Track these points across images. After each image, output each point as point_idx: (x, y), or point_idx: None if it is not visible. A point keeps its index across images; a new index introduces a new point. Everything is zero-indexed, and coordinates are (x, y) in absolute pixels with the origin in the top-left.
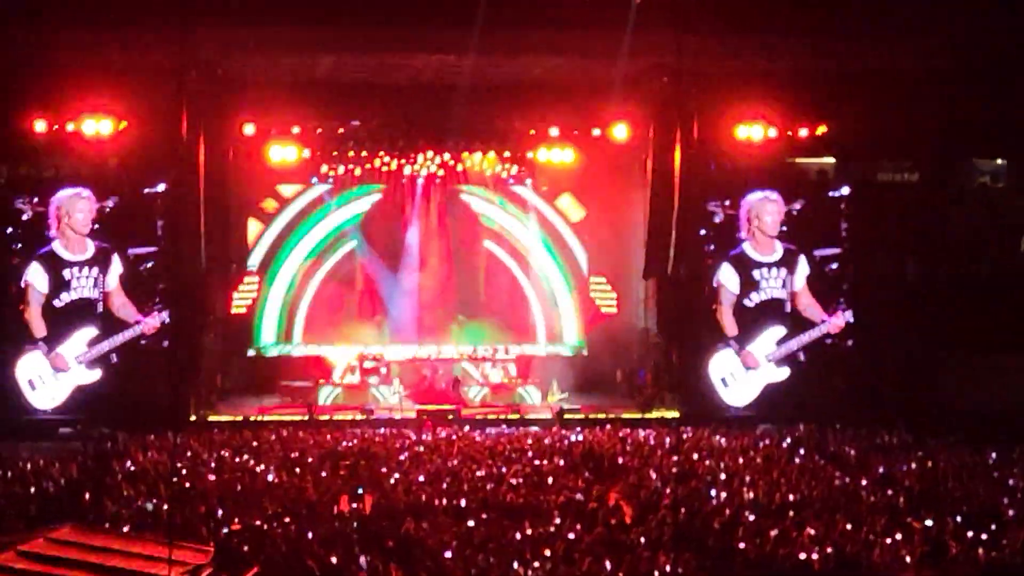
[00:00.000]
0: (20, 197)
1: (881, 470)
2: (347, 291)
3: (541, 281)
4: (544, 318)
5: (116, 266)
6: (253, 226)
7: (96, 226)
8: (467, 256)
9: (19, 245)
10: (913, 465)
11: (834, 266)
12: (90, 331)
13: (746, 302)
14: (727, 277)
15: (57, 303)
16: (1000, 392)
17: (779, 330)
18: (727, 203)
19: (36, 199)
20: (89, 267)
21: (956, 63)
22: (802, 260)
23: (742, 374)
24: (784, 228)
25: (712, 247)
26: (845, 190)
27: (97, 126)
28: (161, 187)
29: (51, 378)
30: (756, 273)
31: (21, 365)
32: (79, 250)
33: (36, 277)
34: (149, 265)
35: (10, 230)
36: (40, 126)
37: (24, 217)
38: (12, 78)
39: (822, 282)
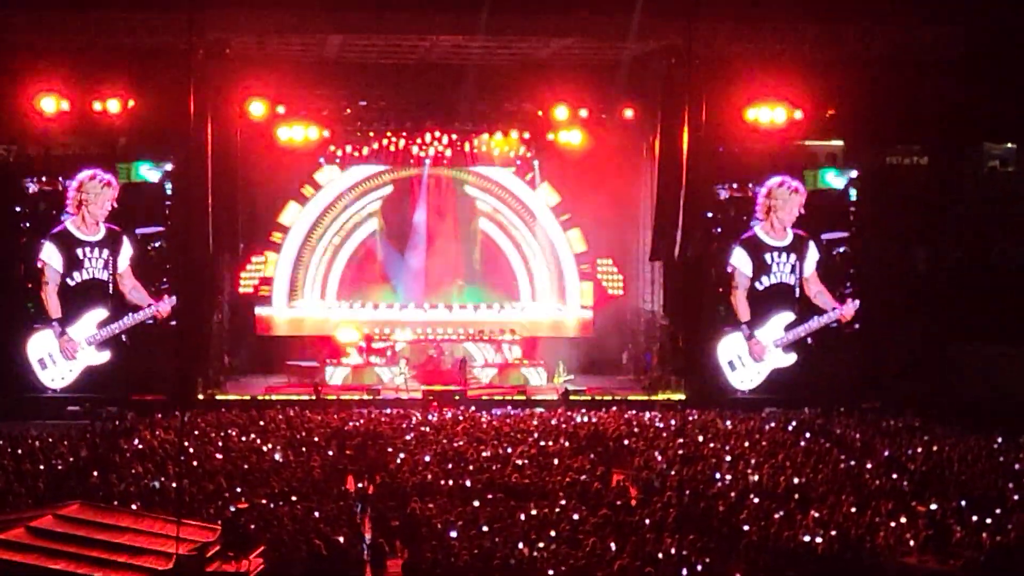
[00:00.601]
0: (30, 177)
1: (886, 454)
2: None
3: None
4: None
5: (127, 248)
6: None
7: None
8: (466, 232)
9: (27, 224)
10: (918, 450)
11: (841, 250)
12: (100, 312)
13: (756, 285)
14: (740, 260)
15: (70, 282)
16: (1006, 379)
17: (787, 316)
18: (735, 186)
19: (45, 178)
20: (100, 248)
21: (967, 47)
22: (812, 246)
23: (749, 358)
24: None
25: (719, 230)
26: (853, 172)
27: (105, 105)
28: (168, 167)
29: (61, 358)
30: (767, 257)
31: (32, 344)
32: (92, 231)
33: (51, 256)
34: (156, 245)
35: (18, 209)
36: (48, 105)
37: (31, 190)
38: (19, 58)
39: (829, 267)
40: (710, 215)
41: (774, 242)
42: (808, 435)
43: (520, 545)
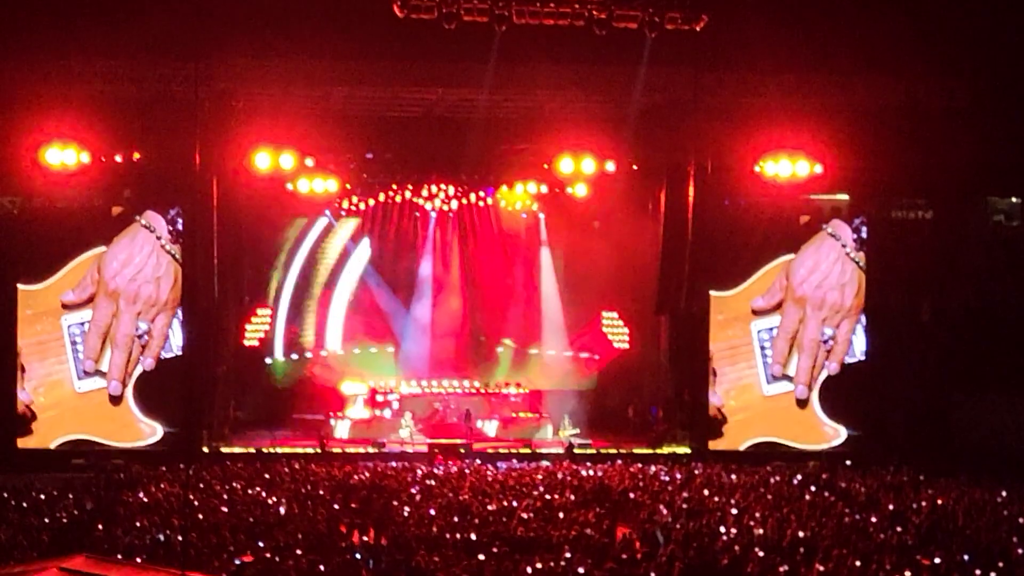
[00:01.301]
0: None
1: (891, 507)
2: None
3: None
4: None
5: None
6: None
7: None
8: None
9: None
10: (923, 503)
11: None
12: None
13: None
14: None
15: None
16: (1011, 431)
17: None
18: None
19: None
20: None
21: (972, 100)
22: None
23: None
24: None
25: None
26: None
27: (111, 156)
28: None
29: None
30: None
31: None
32: None
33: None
34: None
35: None
36: (52, 157)
37: None
38: (24, 109)
39: None
40: None
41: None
42: (813, 488)
43: None
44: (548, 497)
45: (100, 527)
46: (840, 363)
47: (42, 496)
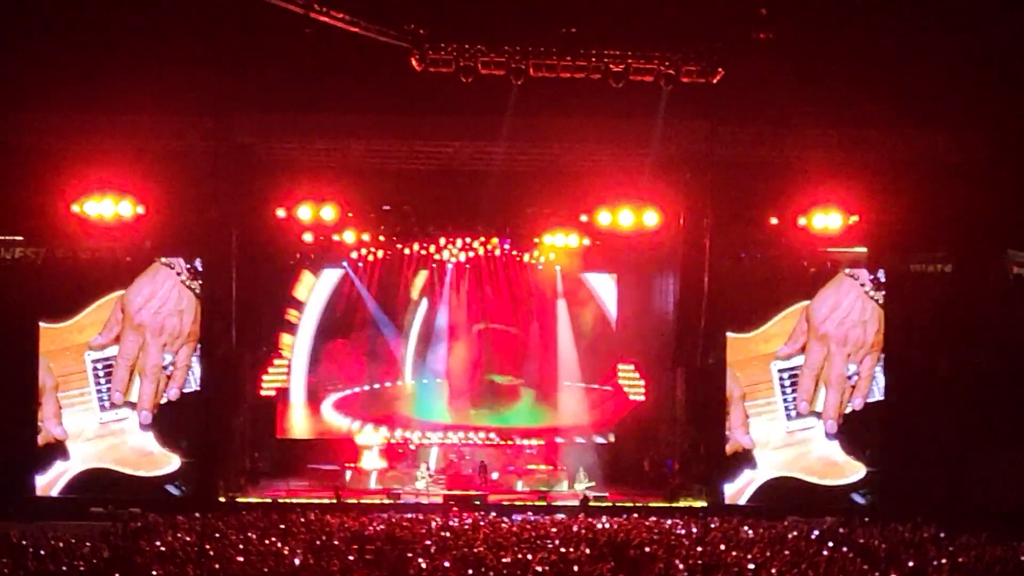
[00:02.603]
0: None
1: (911, 564)
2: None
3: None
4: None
5: None
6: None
7: None
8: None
9: None
10: (943, 560)
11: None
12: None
13: None
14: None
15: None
16: None
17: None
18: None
19: None
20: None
21: (991, 154)
22: None
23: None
24: None
25: None
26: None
27: (131, 210)
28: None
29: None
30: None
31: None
32: None
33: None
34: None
35: None
36: (75, 208)
37: None
38: (45, 162)
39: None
40: None
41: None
42: (831, 544)
43: None
44: (563, 550)
45: None
46: (864, 398)
47: (60, 544)
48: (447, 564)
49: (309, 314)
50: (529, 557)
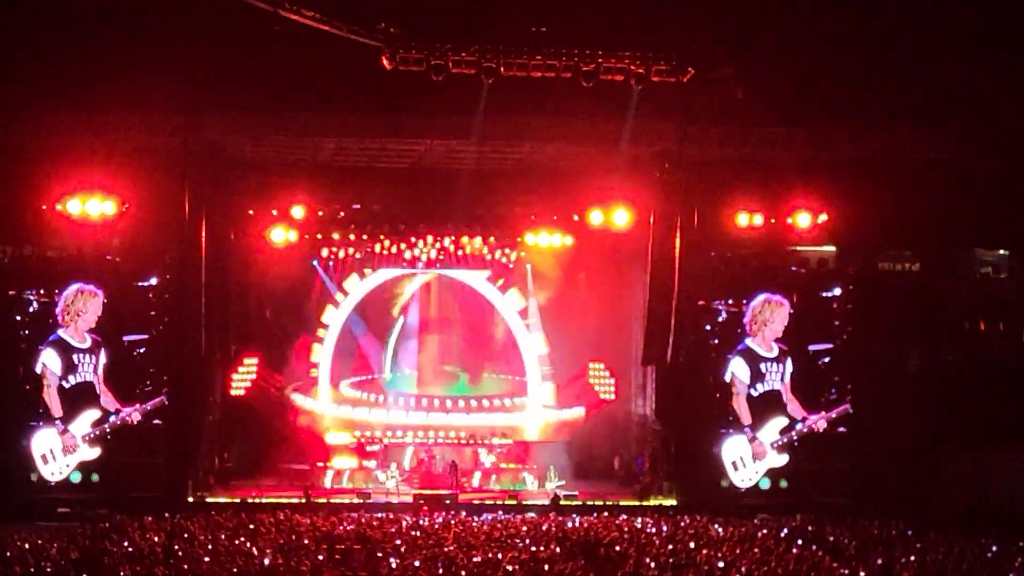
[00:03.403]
0: (30, 289)
1: (880, 562)
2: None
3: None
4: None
5: (102, 358)
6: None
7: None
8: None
9: (26, 331)
10: (912, 557)
11: (826, 360)
12: (94, 412)
13: (752, 392)
14: (740, 370)
15: (66, 384)
16: (999, 483)
17: (782, 420)
18: (730, 301)
19: (43, 291)
20: (89, 354)
21: (959, 153)
22: (788, 361)
23: (750, 459)
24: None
25: (716, 341)
26: (837, 291)
27: (100, 207)
28: (154, 280)
29: (60, 454)
30: (761, 366)
31: (36, 440)
32: (81, 339)
33: (52, 361)
34: (142, 351)
35: (18, 317)
36: (43, 207)
37: (31, 309)
38: (15, 160)
39: (813, 375)
40: (708, 328)
41: (766, 354)
42: (800, 542)
43: None
44: (534, 549)
45: None
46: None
47: (26, 546)
48: (417, 563)
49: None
50: (500, 556)
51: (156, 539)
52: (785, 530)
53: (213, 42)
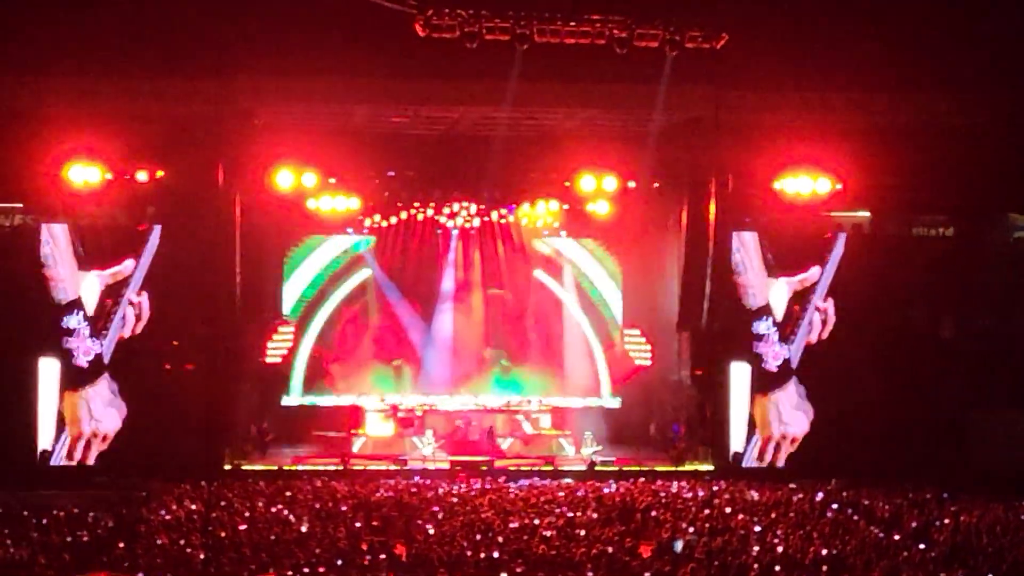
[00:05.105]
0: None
1: (914, 525)
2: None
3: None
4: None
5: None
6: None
7: None
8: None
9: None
10: (946, 520)
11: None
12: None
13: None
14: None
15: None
16: None
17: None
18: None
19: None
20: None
21: (993, 118)
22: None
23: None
24: None
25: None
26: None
27: (133, 174)
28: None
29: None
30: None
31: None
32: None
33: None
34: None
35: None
36: (75, 175)
37: None
38: (46, 127)
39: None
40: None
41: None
42: (835, 506)
43: None
44: (570, 515)
45: (121, 545)
46: None
47: (62, 514)
48: (454, 530)
49: (314, 281)
50: (537, 522)
51: (193, 507)
52: (820, 495)
53: (246, 8)
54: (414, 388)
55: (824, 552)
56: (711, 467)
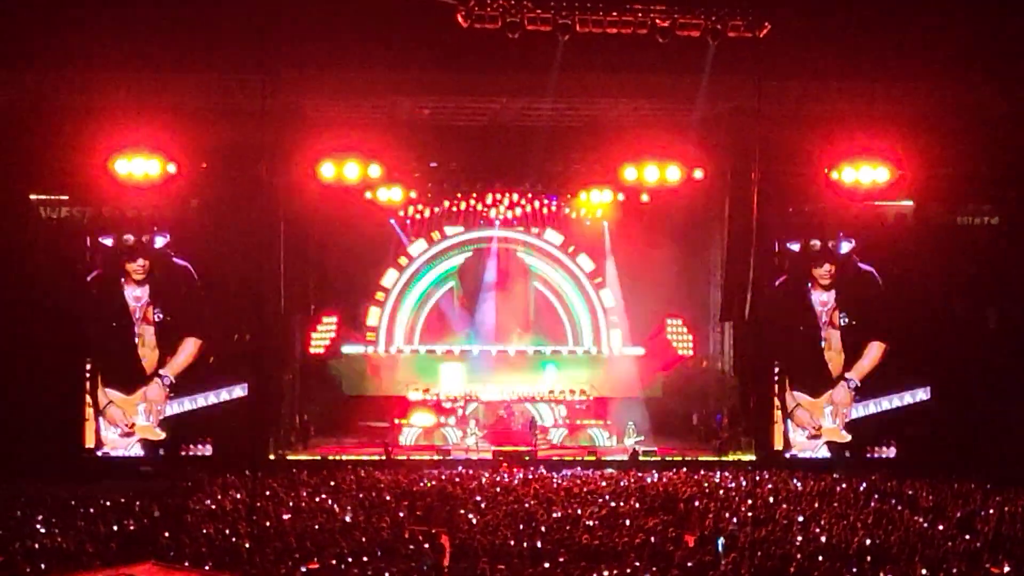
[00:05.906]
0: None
1: (959, 515)
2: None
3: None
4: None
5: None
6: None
7: None
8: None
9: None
10: (991, 511)
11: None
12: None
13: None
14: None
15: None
16: None
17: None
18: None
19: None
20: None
21: None
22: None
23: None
24: None
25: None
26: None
27: (180, 166)
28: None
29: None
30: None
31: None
32: None
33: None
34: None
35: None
36: (121, 167)
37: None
38: (93, 121)
39: None
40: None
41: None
42: (879, 496)
43: None
44: (613, 505)
45: (167, 534)
46: None
47: (109, 504)
48: (498, 519)
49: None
50: (580, 512)
51: (238, 496)
52: (864, 484)
53: (292, 2)
54: (458, 378)
55: (868, 542)
56: (753, 457)
